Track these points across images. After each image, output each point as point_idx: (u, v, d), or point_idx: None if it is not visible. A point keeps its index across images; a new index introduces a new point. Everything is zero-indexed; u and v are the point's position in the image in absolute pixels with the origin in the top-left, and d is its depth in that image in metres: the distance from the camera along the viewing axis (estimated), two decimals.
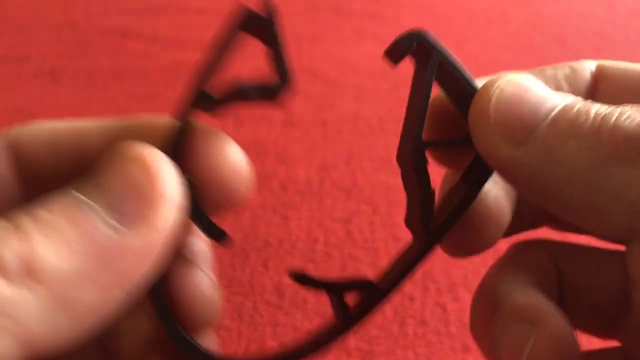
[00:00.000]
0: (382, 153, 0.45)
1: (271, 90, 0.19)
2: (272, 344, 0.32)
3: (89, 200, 0.14)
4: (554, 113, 0.16)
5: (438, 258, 0.36)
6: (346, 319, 0.18)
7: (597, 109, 0.16)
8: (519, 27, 0.62)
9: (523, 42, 0.60)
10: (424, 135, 0.18)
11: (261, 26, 0.19)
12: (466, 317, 0.22)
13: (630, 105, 0.16)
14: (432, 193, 0.18)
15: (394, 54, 0.20)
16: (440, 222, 0.18)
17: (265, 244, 0.37)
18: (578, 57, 0.20)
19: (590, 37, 0.61)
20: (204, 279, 0.19)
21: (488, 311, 0.20)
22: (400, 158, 0.19)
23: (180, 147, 0.18)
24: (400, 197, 0.40)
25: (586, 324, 0.21)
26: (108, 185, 0.15)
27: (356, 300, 0.18)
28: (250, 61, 0.20)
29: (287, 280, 0.35)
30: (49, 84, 0.53)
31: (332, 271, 0.35)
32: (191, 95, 0.18)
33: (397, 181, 0.20)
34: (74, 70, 0.54)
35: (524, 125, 0.16)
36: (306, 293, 0.34)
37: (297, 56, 0.57)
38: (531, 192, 0.17)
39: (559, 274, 0.21)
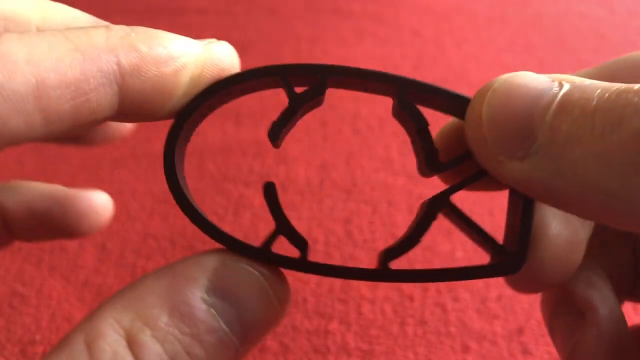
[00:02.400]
0: (382, 153, 0.45)
1: (503, 256, 0.17)
2: (272, 344, 0.32)
3: None
4: (550, 115, 0.15)
5: (438, 258, 0.36)
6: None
7: (596, 101, 0.14)
8: (519, 27, 0.62)
9: (523, 42, 0.60)
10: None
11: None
12: (466, 317, 0.22)
13: (637, 86, 0.14)
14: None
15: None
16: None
17: None
18: (578, 57, 0.20)
19: (590, 37, 0.61)
20: None
21: (550, 294, 0.20)
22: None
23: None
24: (400, 197, 0.41)
25: None
26: None
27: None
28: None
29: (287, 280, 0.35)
30: None
31: None
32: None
33: (397, 181, 0.20)
34: None
35: (523, 137, 0.15)
36: (306, 293, 0.34)
37: (297, 56, 0.57)
38: (549, 202, 0.16)
39: (636, 262, 0.20)
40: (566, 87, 0.15)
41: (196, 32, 0.60)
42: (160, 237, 0.38)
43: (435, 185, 0.23)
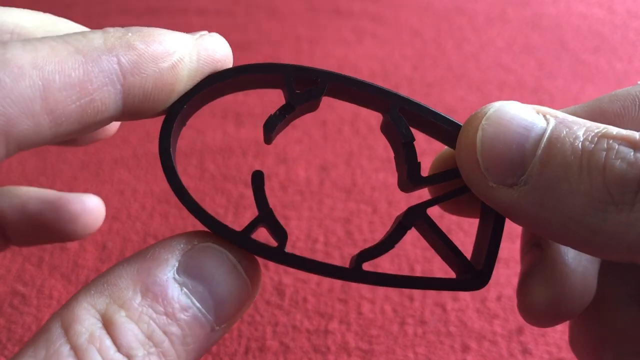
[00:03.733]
0: (382, 153, 0.45)
1: (470, 273, 0.18)
2: (272, 344, 0.32)
3: None
4: (541, 150, 0.16)
5: (437, 257, 0.36)
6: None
7: (582, 140, 0.15)
8: (519, 28, 0.62)
9: (523, 42, 0.60)
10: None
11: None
12: (466, 317, 0.22)
13: (615, 131, 0.15)
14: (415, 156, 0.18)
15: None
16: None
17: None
18: (578, 57, 0.20)
19: (590, 37, 0.61)
20: None
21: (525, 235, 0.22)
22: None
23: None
24: (399, 197, 0.41)
25: None
26: None
27: None
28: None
29: (287, 280, 0.35)
30: None
31: None
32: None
33: (396, 181, 0.20)
34: None
35: (515, 167, 0.16)
36: (306, 293, 0.34)
37: (297, 56, 0.57)
38: (534, 230, 0.17)
39: None
40: (552, 123, 0.16)
41: None
42: (160, 237, 0.38)
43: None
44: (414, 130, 0.19)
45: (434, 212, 0.18)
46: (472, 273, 0.18)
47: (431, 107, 0.18)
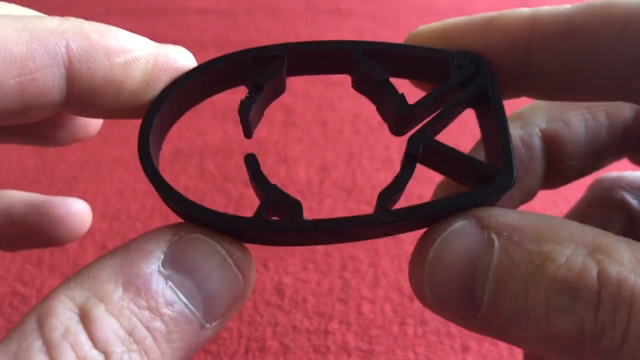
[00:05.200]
0: (382, 153, 0.45)
1: (493, 177, 0.17)
2: (272, 344, 0.32)
3: None
4: (490, 290, 0.15)
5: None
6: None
7: (528, 277, 0.15)
8: None
9: None
10: None
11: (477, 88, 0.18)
12: None
13: (558, 264, 0.15)
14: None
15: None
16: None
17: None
18: None
19: None
20: None
21: None
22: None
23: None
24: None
25: None
26: None
27: None
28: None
29: (287, 280, 0.35)
30: None
31: (332, 271, 0.35)
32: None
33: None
34: None
35: (468, 308, 0.16)
36: (306, 293, 0.34)
37: None
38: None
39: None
40: (497, 247, 0.15)
41: (196, 32, 0.60)
42: None
43: (433, 183, 0.23)
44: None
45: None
46: (496, 174, 0.17)
47: (399, 42, 0.18)
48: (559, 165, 0.21)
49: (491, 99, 0.17)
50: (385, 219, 0.17)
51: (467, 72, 0.18)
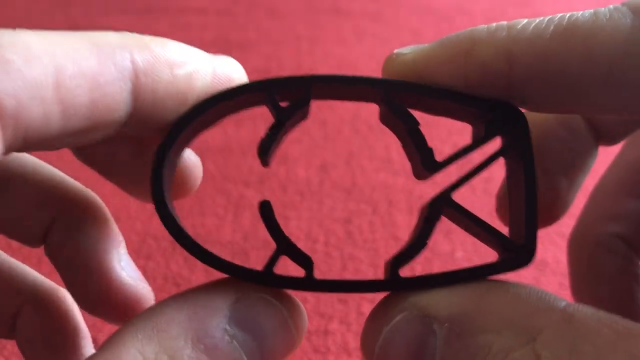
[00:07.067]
0: (382, 153, 0.45)
1: (512, 250, 0.17)
2: None
3: None
4: None
5: (437, 257, 0.36)
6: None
7: None
8: None
9: None
10: None
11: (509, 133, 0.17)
12: None
13: None
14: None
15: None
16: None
17: (265, 244, 0.37)
18: None
19: None
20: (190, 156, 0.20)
21: None
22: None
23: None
24: (400, 197, 0.41)
25: None
26: None
27: None
28: None
29: None
30: None
31: (332, 271, 0.35)
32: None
33: (397, 181, 0.20)
34: None
35: None
36: (306, 293, 0.34)
37: (297, 56, 0.57)
38: None
39: None
40: (440, 342, 0.15)
41: (196, 32, 0.60)
42: (160, 237, 0.38)
43: (436, 184, 0.23)
44: (415, 113, 0.17)
45: (459, 195, 0.17)
46: (516, 249, 0.17)
47: (425, 84, 0.17)
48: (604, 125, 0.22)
49: (523, 157, 0.17)
50: (397, 286, 0.17)
51: (500, 126, 0.17)
